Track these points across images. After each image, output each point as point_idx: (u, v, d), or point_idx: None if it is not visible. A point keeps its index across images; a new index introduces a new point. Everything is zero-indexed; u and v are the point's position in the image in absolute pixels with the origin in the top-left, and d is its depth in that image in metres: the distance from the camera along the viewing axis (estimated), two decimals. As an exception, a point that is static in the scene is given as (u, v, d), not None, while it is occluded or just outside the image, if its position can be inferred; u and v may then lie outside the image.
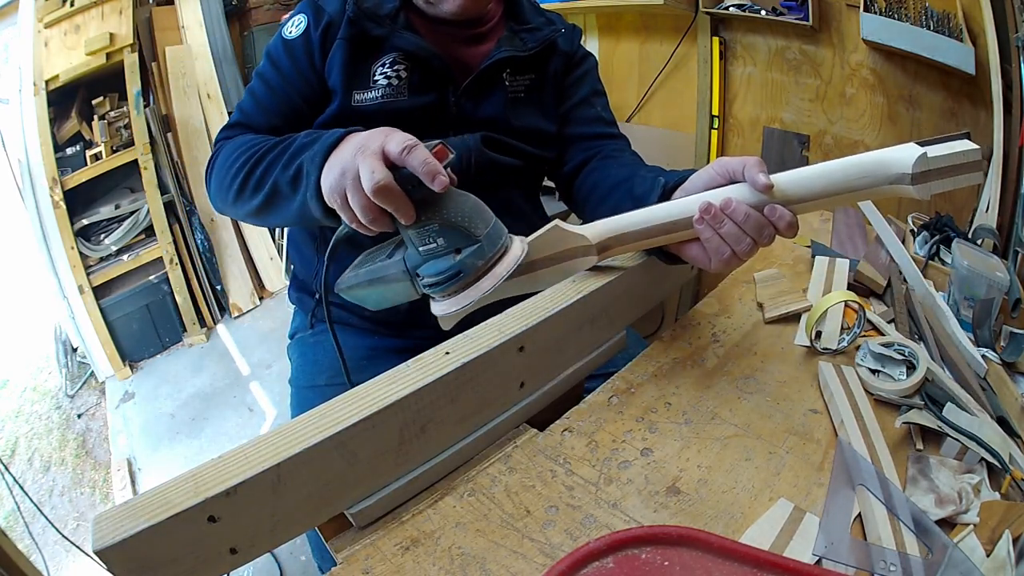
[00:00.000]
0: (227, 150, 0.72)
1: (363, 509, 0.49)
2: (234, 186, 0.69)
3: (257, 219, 0.72)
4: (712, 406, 0.62)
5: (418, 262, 0.56)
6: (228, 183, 0.70)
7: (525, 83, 0.85)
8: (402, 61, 0.77)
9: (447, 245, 0.55)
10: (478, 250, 0.55)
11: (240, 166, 0.69)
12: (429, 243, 0.55)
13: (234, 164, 0.69)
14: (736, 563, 0.43)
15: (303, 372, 0.87)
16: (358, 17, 0.75)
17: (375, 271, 0.59)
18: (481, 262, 0.55)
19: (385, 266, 0.59)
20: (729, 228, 0.55)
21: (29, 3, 2.20)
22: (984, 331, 0.71)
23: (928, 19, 1.26)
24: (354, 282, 0.60)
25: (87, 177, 2.29)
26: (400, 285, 0.58)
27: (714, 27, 1.74)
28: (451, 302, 0.56)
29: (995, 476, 0.52)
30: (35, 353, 2.65)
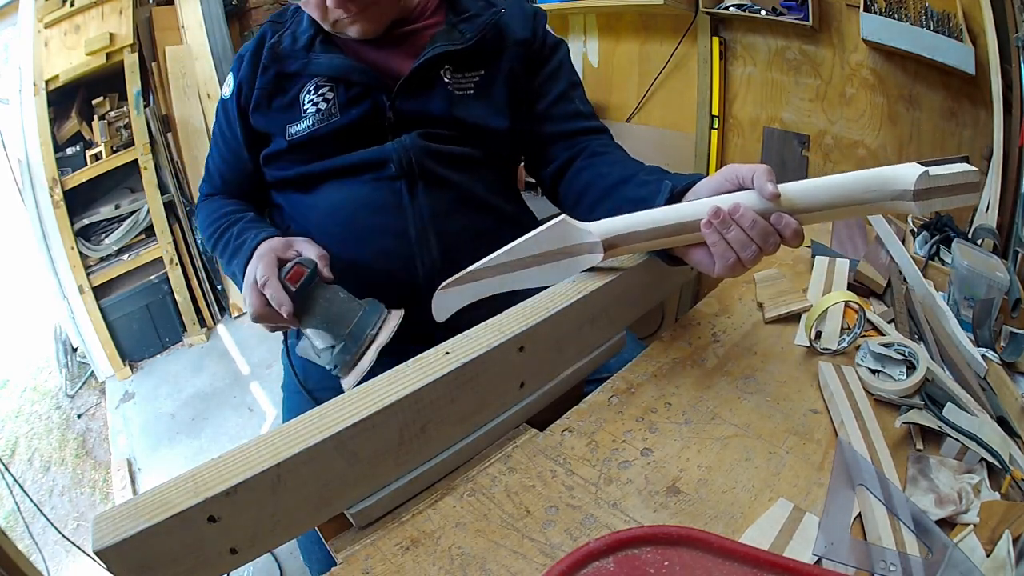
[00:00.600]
0: (200, 217, 0.90)
1: (363, 509, 0.49)
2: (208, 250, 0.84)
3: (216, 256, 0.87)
4: (712, 406, 0.62)
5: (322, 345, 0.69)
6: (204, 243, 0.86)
7: (474, 80, 0.80)
8: (324, 83, 0.77)
9: (328, 340, 0.68)
10: (344, 348, 0.68)
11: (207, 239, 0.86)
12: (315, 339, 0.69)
13: (205, 236, 0.87)
14: (736, 563, 0.43)
15: (293, 377, 0.87)
16: (271, 62, 0.79)
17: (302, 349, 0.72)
18: (349, 357, 0.67)
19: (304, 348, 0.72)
20: (736, 234, 0.55)
21: (29, 3, 2.20)
22: (984, 331, 0.71)
23: (928, 19, 1.26)
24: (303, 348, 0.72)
25: (87, 177, 2.29)
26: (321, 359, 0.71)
27: (714, 27, 1.74)
28: (345, 382, 0.68)
29: (995, 476, 0.52)
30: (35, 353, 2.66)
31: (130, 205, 2.45)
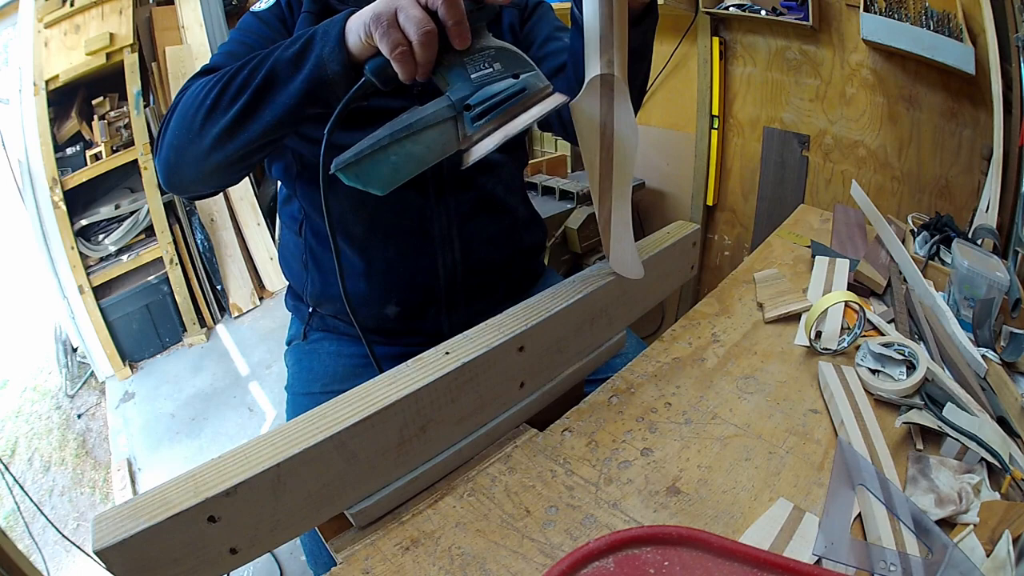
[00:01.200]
0: (200, 82, 0.65)
1: (363, 509, 0.49)
2: (206, 104, 0.61)
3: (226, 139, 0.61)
4: (712, 406, 0.62)
5: (468, 92, 0.52)
6: (197, 105, 0.61)
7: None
8: None
9: (504, 70, 0.53)
10: (535, 75, 0.53)
11: (217, 81, 0.62)
12: (484, 68, 0.53)
13: (208, 84, 0.62)
14: (736, 563, 0.43)
15: (298, 379, 0.87)
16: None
17: (403, 122, 0.52)
18: (542, 84, 0.54)
19: (418, 112, 0.52)
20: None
21: (29, 3, 2.20)
22: (984, 331, 0.71)
23: (928, 19, 1.26)
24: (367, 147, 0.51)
25: (87, 177, 2.29)
26: (437, 132, 0.53)
27: (714, 27, 1.74)
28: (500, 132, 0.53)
29: (995, 476, 0.52)
30: (35, 353, 2.65)
31: (130, 205, 2.45)
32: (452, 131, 0.53)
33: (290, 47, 0.58)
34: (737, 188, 1.90)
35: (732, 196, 1.92)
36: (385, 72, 0.53)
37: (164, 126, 0.66)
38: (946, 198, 1.43)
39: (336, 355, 0.86)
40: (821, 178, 1.68)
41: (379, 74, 0.53)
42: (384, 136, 0.51)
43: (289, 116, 0.59)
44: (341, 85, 0.56)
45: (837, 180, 1.65)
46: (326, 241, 0.81)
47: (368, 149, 0.51)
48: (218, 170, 0.65)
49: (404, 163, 0.53)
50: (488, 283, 0.86)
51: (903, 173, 1.50)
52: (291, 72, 0.58)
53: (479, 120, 0.52)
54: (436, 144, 0.53)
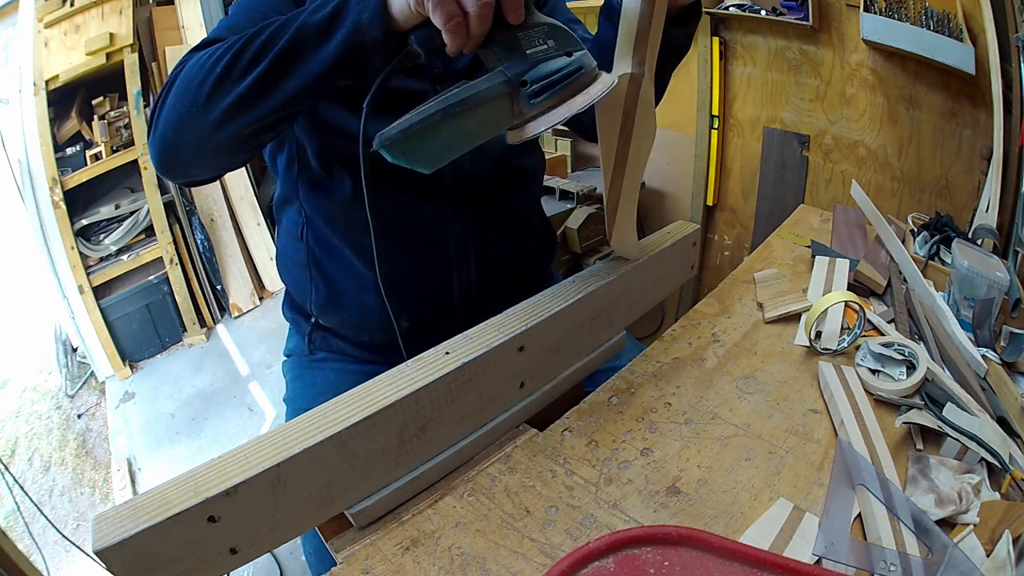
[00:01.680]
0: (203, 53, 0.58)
1: (363, 509, 0.49)
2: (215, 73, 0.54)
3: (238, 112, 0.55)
4: (712, 406, 0.62)
5: (523, 68, 0.50)
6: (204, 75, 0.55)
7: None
8: None
9: (557, 47, 0.51)
10: (586, 54, 0.52)
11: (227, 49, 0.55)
12: (539, 45, 0.51)
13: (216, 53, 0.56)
14: (736, 563, 0.43)
15: (301, 395, 0.85)
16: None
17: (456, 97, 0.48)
18: (593, 64, 0.52)
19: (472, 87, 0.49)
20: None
21: (29, 3, 2.20)
22: (984, 331, 0.71)
23: (928, 19, 1.26)
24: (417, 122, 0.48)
25: (87, 177, 2.29)
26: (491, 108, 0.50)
27: (714, 27, 1.74)
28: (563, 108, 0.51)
29: (995, 476, 0.52)
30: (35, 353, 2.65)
31: (130, 205, 2.45)
32: (507, 107, 0.51)
33: (317, 12, 0.53)
34: (737, 188, 1.90)
35: (732, 196, 1.92)
36: (432, 43, 0.50)
37: (159, 103, 0.60)
38: (946, 198, 1.43)
39: (340, 372, 0.84)
40: (821, 178, 1.68)
41: (426, 44, 0.50)
42: (436, 111, 0.48)
43: (316, 86, 0.54)
44: (379, 54, 0.52)
45: (837, 180, 1.65)
46: (331, 248, 0.77)
47: (418, 124, 0.48)
48: (223, 148, 0.59)
49: (456, 139, 0.50)
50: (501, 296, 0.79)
51: (903, 173, 1.50)
52: (320, 39, 0.52)
53: (537, 97, 0.50)
54: (490, 120, 0.51)
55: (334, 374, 0.84)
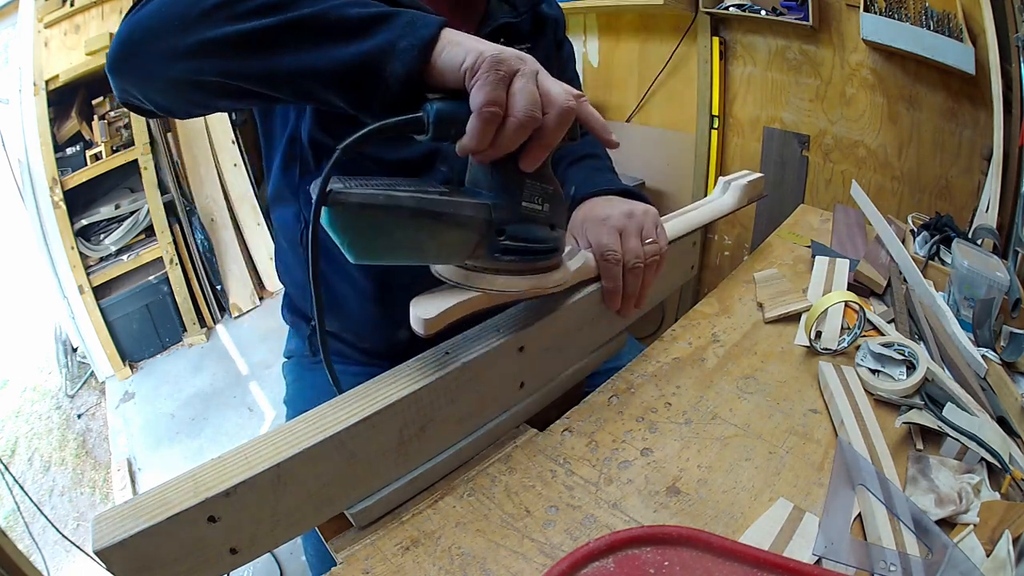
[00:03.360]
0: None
1: (363, 509, 0.49)
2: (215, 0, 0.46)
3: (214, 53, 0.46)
4: (712, 406, 0.62)
5: (510, 217, 0.45)
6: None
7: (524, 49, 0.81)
8: None
9: (549, 215, 0.47)
10: (562, 235, 0.49)
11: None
12: (535, 203, 0.46)
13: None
14: (736, 563, 0.43)
15: (301, 396, 0.85)
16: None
17: (434, 203, 0.42)
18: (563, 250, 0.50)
19: (457, 203, 0.43)
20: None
21: (29, 3, 2.20)
22: (984, 331, 0.71)
23: (928, 19, 1.26)
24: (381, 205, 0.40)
25: (87, 177, 2.29)
26: (458, 236, 0.44)
27: (714, 27, 1.74)
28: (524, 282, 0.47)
29: (995, 476, 0.52)
30: (35, 353, 2.65)
31: (130, 205, 2.45)
32: (471, 243, 0.45)
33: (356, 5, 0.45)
34: (737, 188, 1.90)
35: (732, 196, 1.92)
36: (448, 123, 0.42)
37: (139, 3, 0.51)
38: (946, 198, 1.43)
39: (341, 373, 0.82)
40: (821, 178, 1.68)
41: (443, 121, 0.42)
42: (407, 203, 0.40)
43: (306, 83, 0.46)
44: (387, 93, 0.44)
45: (837, 180, 1.65)
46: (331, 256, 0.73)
47: (381, 207, 0.40)
48: (179, 86, 0.50)
49: (405, 246, 0.43)
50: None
51: (903, 173, 1.50)
52: (345, 34, 0.44)
53: (503, 255, 0.45)
54: (450, 245, 0.45)
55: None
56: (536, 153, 0.44)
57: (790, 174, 1.73)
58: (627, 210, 0.64)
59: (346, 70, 0.44)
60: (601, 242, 0.61)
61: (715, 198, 0.85)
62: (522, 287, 0.48)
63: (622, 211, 0.63)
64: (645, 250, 0.61)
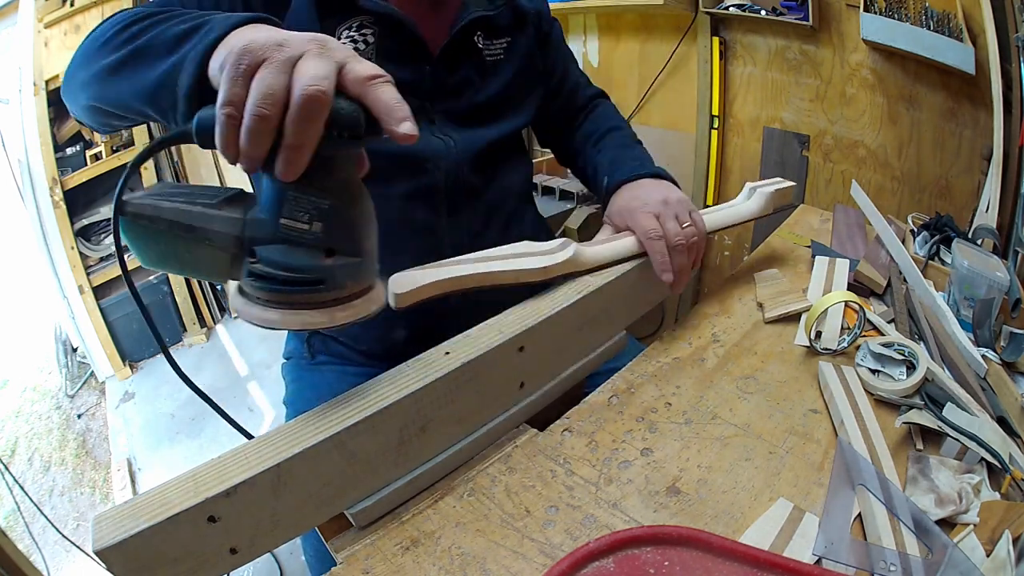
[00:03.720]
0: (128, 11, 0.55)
1: (363, 509, 0.49)
2: (107, 35, 0.51)
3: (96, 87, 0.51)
4: (712, 406, 0.62)
5: (265, 236, 0.39)
6: (100, 34, 0.52)
7: (503, 46, 0.80)
8: (370, 25, 0.68)
9: (321, 237, 0.39)
10: (356, 267, 0.41)
11: (130, 17, 0.51)
12: (299, 221, 0.38)
13: (128, 15, 0.52)
14: (736, 563, 0.43)
15: (301, 396, 0.85)
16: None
17: (189, 214, 0.39)
18: (350, 283, 0.42)
19: (208, 215, 0.40)
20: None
21: (29, 3, 2.20)
22: (984, 331, 0.71)
23: (928, 19, 1.26)
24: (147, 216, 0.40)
25: (87, 177, 2.29)
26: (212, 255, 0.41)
27: (714, 27, 1.74)
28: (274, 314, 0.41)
29: (995, 476, 0.52)
30: (35, 353, 2.65)
31: (130, 205, 2.45)
32: (226, 265, 0.41)
33: (186, 22, 0.45)
34: (737, 188, 1.89)
35: (732, 196, 1.92)
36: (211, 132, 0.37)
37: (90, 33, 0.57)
38: (946, 198, 1.43)
39: (342, 374, 0.84)
40: (821, 178, 1.68)
41: (203, 127, 0.38)
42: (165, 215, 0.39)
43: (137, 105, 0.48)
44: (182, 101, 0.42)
45: (837, 180, 1.65)
46: None
47: (146, 218, 0.40)
48: (86, 111, 0.56)
49: (169, 257, 0.42)
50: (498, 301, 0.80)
51: (903, 173, 1.50)
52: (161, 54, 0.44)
53: (255, 280, 0.40)
54: (204, 262, 0.42)
55: (334, 376, 0.84)
56: (285, 157, 0.36)
57: (790, 174, 1.73)
58: (661, 198, 0.69)
59: (152, 89, 0.45)
60: (641, 224, 0.67)
61: (739, 203, 0.85)
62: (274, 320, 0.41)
63: (657, 199, 0.69)
64: (684, 232, 0.67)
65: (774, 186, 0.86)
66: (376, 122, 0.37)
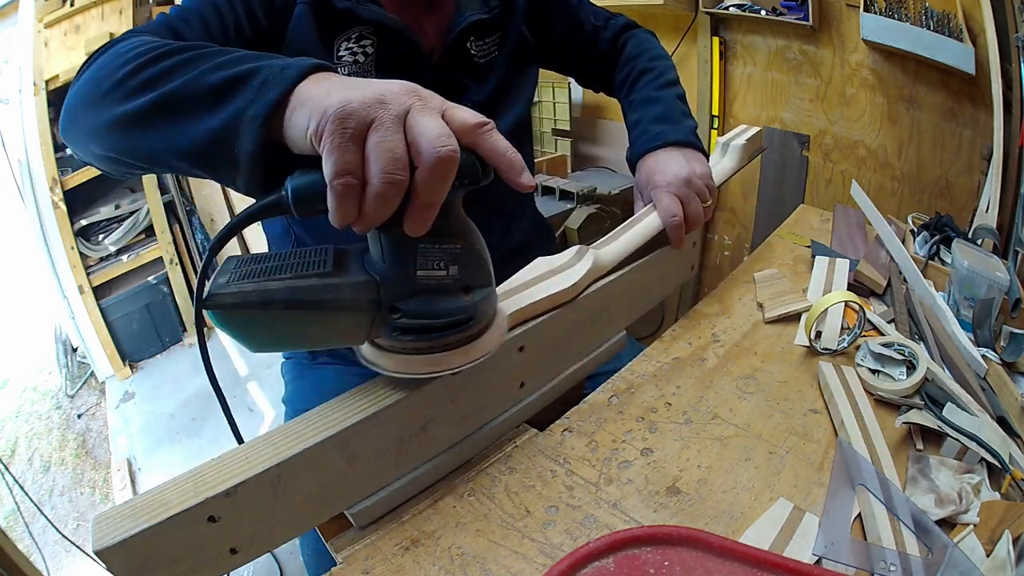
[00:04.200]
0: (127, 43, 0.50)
1: (363, 509, 0.49)
2: (117, 76, 0.46)
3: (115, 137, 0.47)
4: (712, 406, 0.62)
5: (405, 292, 0.39)
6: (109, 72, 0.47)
7: (495, 43, 0.79)
8: (369, 36, 0.68)
9: (458, 278, 0.40)
10: (491, 295, 0.42)
11: (143, 53, 0.46)
12: (436, 268, 0.39)
13: (133, 51, 0.47)
14: (736, 563, 0.43)
15: (301, 395, 0.85)
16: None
17: (311, 290, 0.38)
18: (490, 311, 0.43)
19: (335, 286, 0.38)
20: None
21: (29, 3, 2.20)
22: (984, 331, 0.71)
23: (928, 19, 1.26)
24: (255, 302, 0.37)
25: (87, 177, 2.29)
26: (347, 320, 0.40)
27: (714, 27, 1.74)
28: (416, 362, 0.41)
29: (995, 476, 0.52)
30: (35, 353, 2.66)
31: (130, 205, 2.45)
32: (365, 326, 0.41)
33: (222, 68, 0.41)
34: (737, 188, 1.90)
35: (732, 196, 1.93)
36: (312, 200, 0.36)
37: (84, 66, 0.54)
38: (946, 198, 1.43)
39: (342, 373, 0.84)
40: (821, 178, 1.68)
41: (303, 199, 0.36)
42: (279, 296, 0.37)
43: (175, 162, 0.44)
44: (242, 167, 0.39)
45: (837, 180, 1.65)
46: None
47: (255, 304, 0.37)
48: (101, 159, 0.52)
49: (292, 337, 0.41)
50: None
51: (903, 173, 1.50)
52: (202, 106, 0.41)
53: (405, 335, 0.40)
54: (339, 331, 0.41)
55: (334, 375, 0.84)
56: (417, 216, 0.36)
57: (790, 174, 1.73)
58: (685, 176, 0.70)
59: (199, 150, 0.41)
60: (664, 206, 0.68)
61: (715, 162, 0.85)
62: (416, 370, 0.42)
63: (681, 177, 0.70)
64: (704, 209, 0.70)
65: (744, 136, 0.87)
66: (486, 165, 0.38)
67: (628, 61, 0.89)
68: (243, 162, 0.39)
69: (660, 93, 0.82)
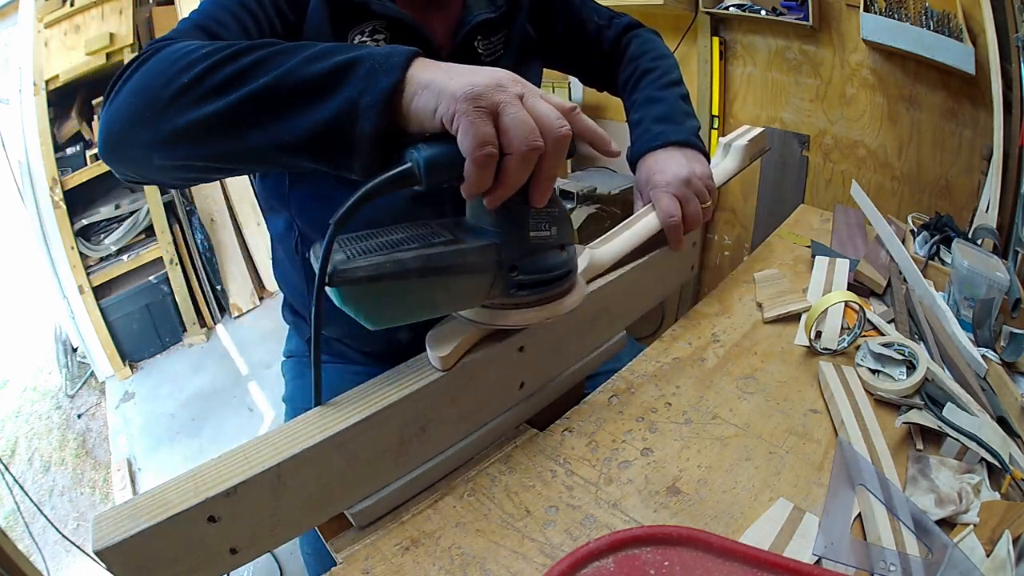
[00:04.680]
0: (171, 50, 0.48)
1: (363, 509, 0.49)
2: (180, 82, 0.45)
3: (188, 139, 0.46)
4: (712, 406, 0.62)
5: (523, 252, 0.44)
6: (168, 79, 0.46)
7: (501, 42, 0.78)
8: (382, 31, 0.67)
9: (558, 237, 0.46)
10: (573, 251, 0.48)
11: (205, 56, 0.45)
12: (543, 229, 0.44)
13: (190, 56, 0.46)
14: (736, 563, 0.43)
15: (301, 394, 0.85)
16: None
17: (442, 258, 0.40)
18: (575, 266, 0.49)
19: (463, 251, 0.42)
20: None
21: (29, 3, 2.20)
22: (984, 331, 0.71)
23: (928, 19, 1.26)
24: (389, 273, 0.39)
25: (87, 177, 2.29)
26: (471, 281, 0.43)
27: (714, 27, 1.74)
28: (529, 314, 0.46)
29: (995, 476, 0.52)
30: (35, 353, 2.66)
31: (130, 205, 2.45)
32: (486, 286, 0.44)
33: (315, 60, 0.43)
34: (737, 188, 1.90)
35: (732, 196, 1.92)
36: (443, 170, 0.39)
37: (120, 81, 0.50)
38: (946, 198, 1.43)
39: (342, 372, 0.83)
40: (821, 178, 1.68)
41: (435, 168, 0.39)
42: (414, 265, 0.39)
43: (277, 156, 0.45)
44: (361, 155, 0.42)
45: (837, 180, 1.65)
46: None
47: (389, 276, 0.39)
48: (165, 170, 0.51)
49: (420, 305, 0.42)
50: None
51: (903, 173, 1.50)
52: (304, 99, 0.42)
53: (520, 290, 0.45)
54: (464, 294, 0.44)
55: (335, 375, 0.84)
56: (544, 186, 0.43)
57: (790, 174, 1.73)
58: (685, 177, 0.69)
59: (312, 139, 0.43)
60: (662, 207, 0.68)
61: (717, 163, 0.84)
62: (532, 320, 0.48)
63: (681, 177, 0.69)
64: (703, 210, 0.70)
65: (746, 137, 0.86)
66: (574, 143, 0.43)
67: (631, 60, 0.88)
68: (365, 145, 0.42)
69: (663, 93, 0.82)
